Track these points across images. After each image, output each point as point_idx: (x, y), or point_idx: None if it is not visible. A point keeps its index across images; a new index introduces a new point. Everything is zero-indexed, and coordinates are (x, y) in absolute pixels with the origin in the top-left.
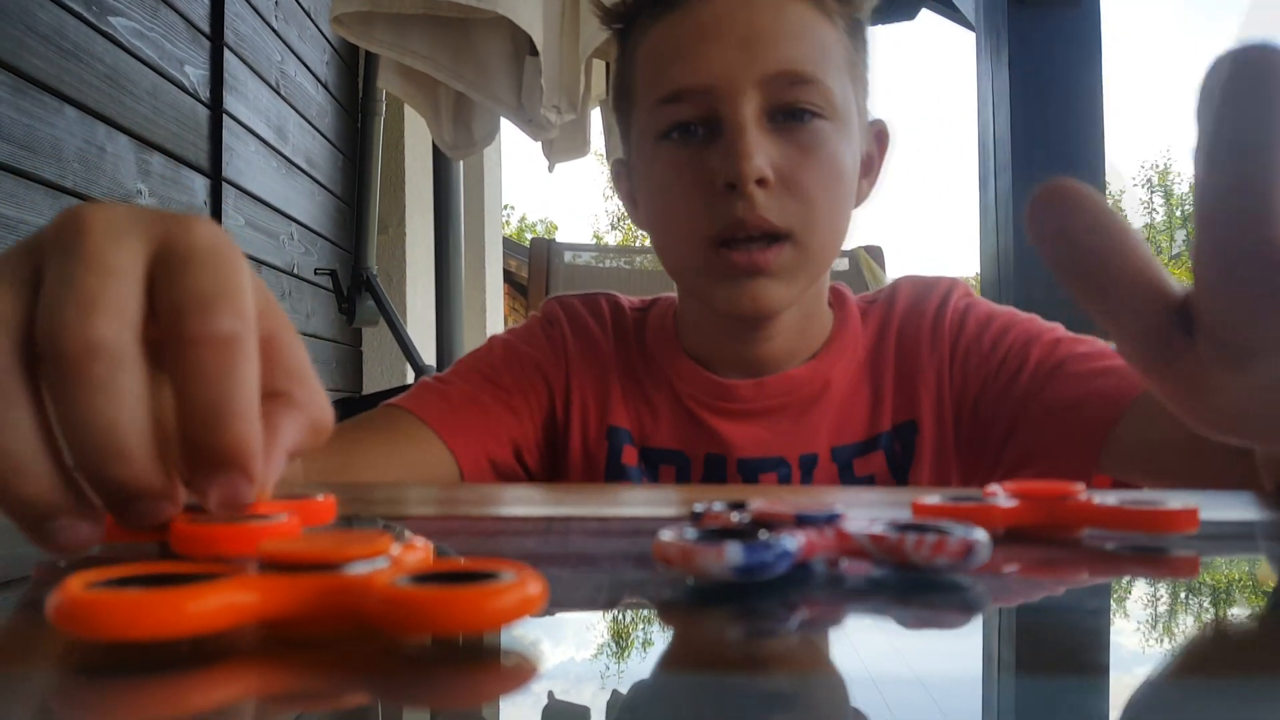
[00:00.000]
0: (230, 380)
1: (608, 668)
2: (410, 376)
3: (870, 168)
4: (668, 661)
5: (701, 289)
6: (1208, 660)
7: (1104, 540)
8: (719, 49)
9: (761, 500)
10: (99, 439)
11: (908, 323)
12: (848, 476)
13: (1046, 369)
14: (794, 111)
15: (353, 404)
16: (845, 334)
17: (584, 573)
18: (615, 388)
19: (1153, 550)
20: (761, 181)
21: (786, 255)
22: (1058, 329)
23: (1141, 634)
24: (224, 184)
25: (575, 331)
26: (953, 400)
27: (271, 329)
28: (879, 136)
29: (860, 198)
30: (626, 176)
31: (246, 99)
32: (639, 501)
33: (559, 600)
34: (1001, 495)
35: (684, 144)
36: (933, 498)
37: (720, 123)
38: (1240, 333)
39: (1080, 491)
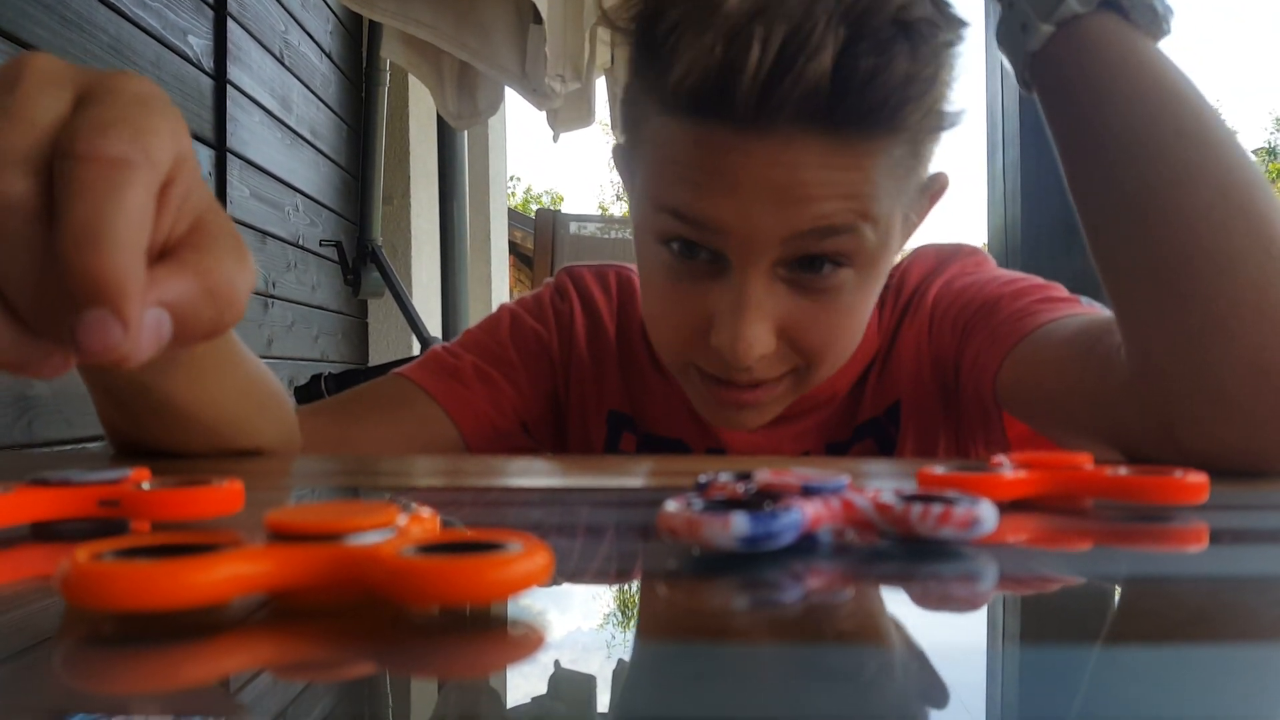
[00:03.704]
0: (113, 202)
1: (614, 638)
2: (416, 348)
3: (917, 223)
4: (673, 632)
5: (683, 386)
6: (1214, 628)
7: (1111, 510)
8: (743, 199)
9: (767, 471)
10: (93, 227)
11: (907, 307)
12: None
13: (986, 314)
14: (813, 260)
15: (358, 375)
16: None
17: (590, 543)
18: (616, 371)
19: (1160, 520)
20: (762, 356)
21: (780, 389)
22: (1034, 280)
23: (1148, 603)
24: (228, 155)
25: (585, 308)
26: (933, 370)
27: (200, 213)
28: (934, 197)
29: (895, 250)
30: (627, 166)
31: (250, 69)
32: (645, 473)
33: (565, 571)
34: (1008, 465)
35: (684, 260)
36: (939, 468)
37: (727, 260)
38: None
39: (1088, 461)
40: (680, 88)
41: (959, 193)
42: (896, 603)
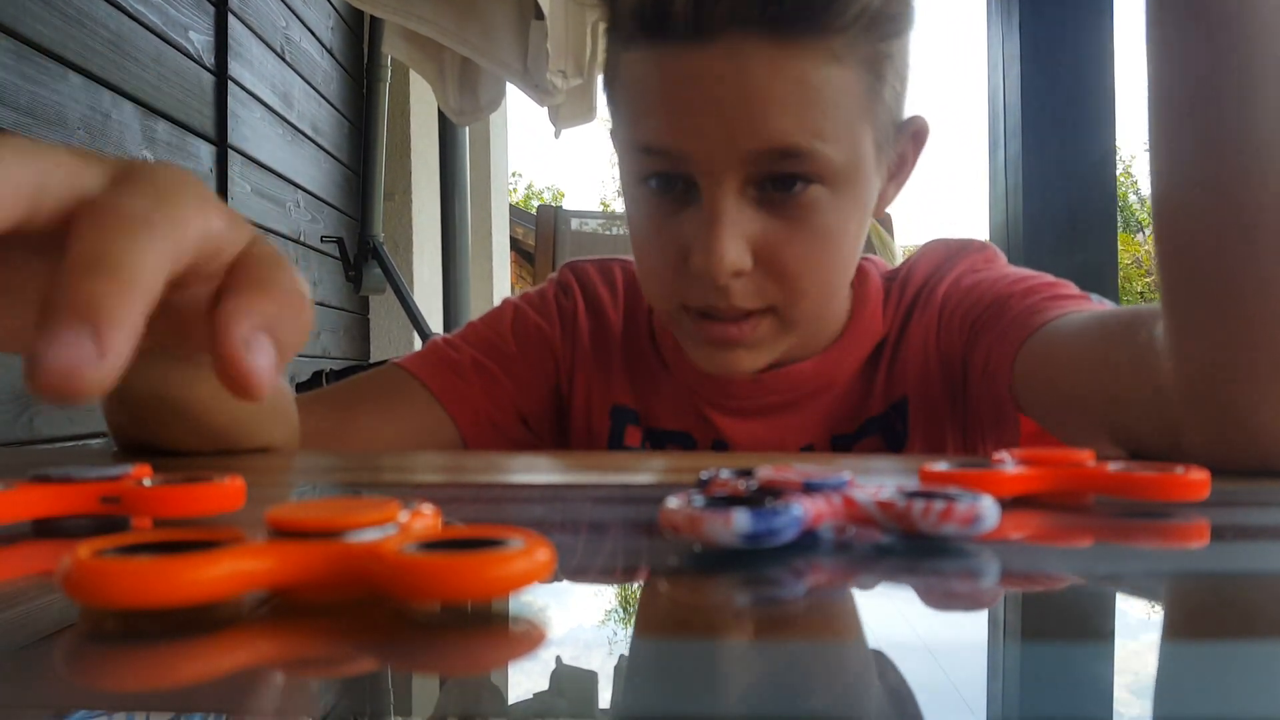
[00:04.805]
0: (124, 240)
1: (615, 634)
2: (418, 344)
3: (901, 169)
4: (675, 628)
5: (677, 336)
6: (1215, 625)
7: (1113, 507)
8: (699, 117)
9: (769, 467)
10: (99, 258)
11: (915, 301)
12: None
13: (996, 310)
14: (784, 180)
15: (359, 372)
16: (860, 324)
17: (592, 540)
18: (621, 365)
19: (1161, 517)
20: (738, 272)
21: (765, 328)
22: (1044, 277)
23: (1149, 600)
24: (230, 151)
25: (588, 302)
26: (940, 368)
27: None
28: (915, 136)
29: (884, 202)
30: (613, 119)
31: (252, 65)
32: (646, 469)
33: (567, 567)
34: (1010, 462)
35: (662, 195)
36: (940, 464)
37: (699, 188)
38: None
39: (1089, 458)
40: (625, 10)
41: (960, 188)
42: (898, 599)
